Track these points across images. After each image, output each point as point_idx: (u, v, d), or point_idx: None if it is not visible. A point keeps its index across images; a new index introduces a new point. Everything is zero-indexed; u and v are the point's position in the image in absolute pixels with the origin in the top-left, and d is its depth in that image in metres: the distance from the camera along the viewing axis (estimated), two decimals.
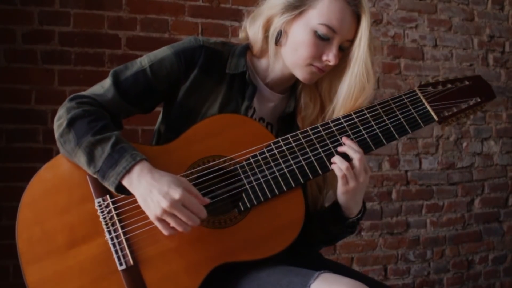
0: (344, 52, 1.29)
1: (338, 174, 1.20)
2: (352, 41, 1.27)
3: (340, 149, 1.23)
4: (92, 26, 2.47)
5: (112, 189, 1.13)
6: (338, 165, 1.20)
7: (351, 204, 1.25)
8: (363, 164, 1.21)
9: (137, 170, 1.11)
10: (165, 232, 1.10)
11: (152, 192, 1.08)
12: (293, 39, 1.27)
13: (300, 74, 1.30)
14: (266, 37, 1.31)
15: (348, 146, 1.22)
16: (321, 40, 1.24)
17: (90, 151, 1.13)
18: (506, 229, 3.33)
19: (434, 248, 3.15)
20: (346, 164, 1.20)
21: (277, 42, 1.29)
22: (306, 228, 1.29)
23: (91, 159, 1.13)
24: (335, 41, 1.25)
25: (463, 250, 3.22)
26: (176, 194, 1.07)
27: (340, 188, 1.22)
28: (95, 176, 1.15)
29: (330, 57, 1.25)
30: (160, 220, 1.09)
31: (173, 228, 1.10)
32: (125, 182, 1.12)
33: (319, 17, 1.23)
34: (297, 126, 1.36)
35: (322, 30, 1.23)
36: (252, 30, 1.34)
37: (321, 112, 1.37)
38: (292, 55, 1.28)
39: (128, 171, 1.11)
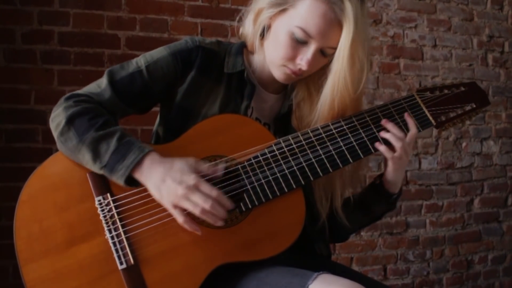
0: (329, 58, 1.25)
1: (388, 156, 1.25)
2: (335, 49, 1.21)
3: (382, 135, 1.26)
4: (91, 26, 2.47)
5: (121, 181, 1.12)
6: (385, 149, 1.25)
7: (399, 179, 1.30)
8: (404, 149, 1.25)
9: (147, 161, 1.12)
10: (180, 219, 1.10)
11: (166, 181, 1.09)
12: (274, 36, 1.26)
13: (275, 72, 1.29)
14: (254, 31, 1.31)
15: (391, 135, 1.25)
16: (298, 43, 1.21)
17: (95, 147, 1.13)
18: (505, 229, 3.34)
19: (433, 248, 3.15)
20: (392, 154, 1.25)
21: (262, 36, 1.29)
22: (340, 218, 1.36)
23: (96, 155, 1.13)
24: (312, 46, 1.21)
25: (462, 250, 3.22)
26: (191, 179, 1.09)
27: (391, 166, 1.27)
28: (101, 172, 1.14)
29: (302, 62, 1.22)
30: (176, 207, 1.10)
31: (188, 214, 1.11)
32: (136, 174, 1.12)
33: (298, 19, 1.19)
34: (292, 127, 1.35)
35: (298, 33, 1.19)
36: (246, 24, 1.34)
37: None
38: (270, 52, 1.28)
39: (138, 162, 1.11)
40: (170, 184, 1.09)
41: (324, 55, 1.24)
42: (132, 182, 1.13)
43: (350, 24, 1.16)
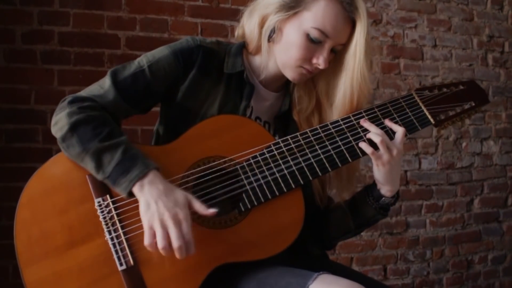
0: (337, 54, 1.30)
1: (368, 151, 1.23)
2: (344, 44, 1.27)
3: (367, 135, 1.25)
4: (91, 26, 2.47)
5: (123, 194, 1.12)
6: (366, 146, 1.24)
7: (388, 180, 1.26)
8: (387, 146, 1.23)
9: (149, 178, 1.11)
10: (145, 241, 1.07)
11: (158, 203, 1.08)
12: (286, 39, 1.27)
13: (289, 74, 1.30)
14: (261, 34, 1.31)
15: (371, 133, 1.24)
16: (313, 43, 1.25)
17: (98, 158, 1.12)
18: (505, 229, 3.34)
19: (433, 248, 3.16)
20: (371, 149, 1.23)
21: (270, 39, 1.29)
22: (326, 223, 1.36)
23: (99, 165, 1.12)
24: (326, 45, 1.25)
25: (462, 250, 3.22)
26: (181, 213, 1.08)
27: (374, 163, 1.25)
28: (103, 181, 1.14)
29: (320, 61, 1.26)
30: (151, 229, 1.07)
31: (154, 243, 1.07)
32: (135, 189, 1.10)
33: (313, 20, 1.23)
34: (294, 122, 1.36)
35: (314, 34, 1.23)
36: (248, 26, 1.34)
37: (317, 107, 1.38)
38: (283, 55, 1.28)
39: (141, 178, 1.10)
40: (160, 207, 1.07)
41: (333, 52, 1.28)
42: (133, 195, 1.13)
43: (364, 21, 1.24)
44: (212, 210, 1.11)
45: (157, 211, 1.07)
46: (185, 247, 1.06)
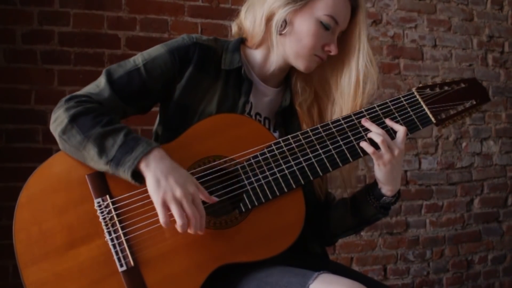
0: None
1: (369, 151, 1.24)
2: (344, 32, 1.33)
3: (369, 135, 1.25)
4: (91, 26, 2.47)
5: (128, 174, 1.11)
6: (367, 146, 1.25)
7: (389, 179, 1.27)
8: (388, 146, 1.23)
9: (154, 154, 1.12)
10: (161, 219, 1.09)
11: (168, 178, 1.09)
12: (298, 29, 1.29)
13: (303, 64, 1.32)
14: (268, 28, 1.32)
15: (372, 133, 1.25)
16: (325, 30, 1.29)
17: (101, 142, 1.12)
18: (505, 229, 3.34)
19: (433, 248, 3.16)
20: (372, 149, 1.23)
21: (280, 32, 1.30)
22: (326, 219, 1.37)
23: (102, 150, 1.12)
24: (336, 31, 1.31)
25: (462, 250, 3.22)
26: (191, 188, 1.10)
27: (375, 162, 1.26)
28: (106, 167, 1.13)
29: (332, 48, 1.31)
30: (164, 205, 1.09)
31: (172, 222, 1.09)
32: (142, 166, 1.11)
33: (325, 8, 1.28)
34: (295, 117, 1.37)
35: (327, 21, 1.28)
36: (250, 21, 1.34)
37: (315, 98, 1.40)
38: (295, 45, 1.30)
39: (146, 154, 1.11)
40: (171, 182, 1.09)
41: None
42: (137, 176, 1.13)
43: (363, 7, 1.33)
44: (215, 198, 1.15)
45: (169, 186, 1.09)
46: (200, 223, 1.10)
